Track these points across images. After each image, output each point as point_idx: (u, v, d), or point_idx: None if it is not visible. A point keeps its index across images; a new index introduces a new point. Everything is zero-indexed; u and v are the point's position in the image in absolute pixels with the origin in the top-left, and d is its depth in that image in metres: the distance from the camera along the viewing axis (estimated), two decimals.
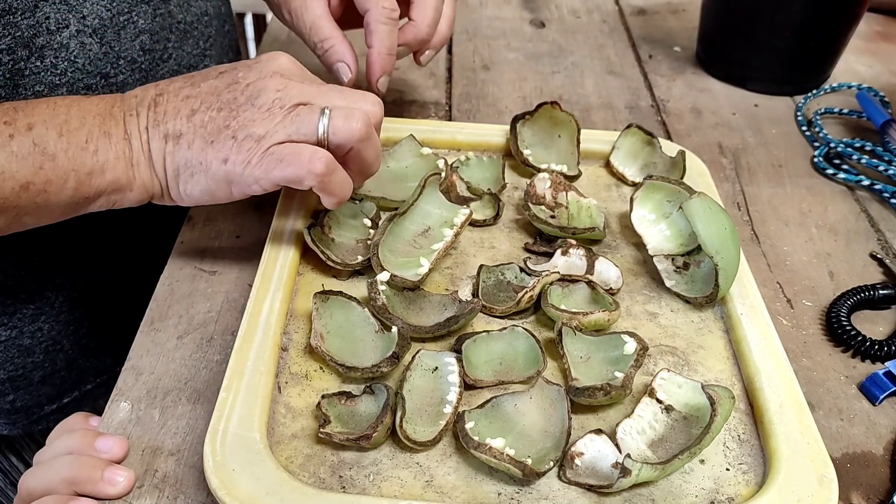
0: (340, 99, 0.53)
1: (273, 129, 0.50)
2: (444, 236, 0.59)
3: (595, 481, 0.45)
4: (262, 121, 0.50)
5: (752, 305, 0.57)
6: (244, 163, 0.50)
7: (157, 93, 0.52)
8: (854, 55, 0.99)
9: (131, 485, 0.46)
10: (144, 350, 0.54)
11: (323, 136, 0.51)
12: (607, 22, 1.06)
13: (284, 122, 0.50)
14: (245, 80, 0.52)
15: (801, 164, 0.79)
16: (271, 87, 0.51)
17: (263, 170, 0.50)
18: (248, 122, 0.50)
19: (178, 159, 0.51)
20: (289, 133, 0.50)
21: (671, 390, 0.50)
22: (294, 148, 0.50)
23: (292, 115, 0.51)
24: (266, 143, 0.50)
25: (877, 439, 0.52)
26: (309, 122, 0.51)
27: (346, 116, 0.51)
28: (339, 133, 0.51)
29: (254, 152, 0.50)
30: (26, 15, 0.55)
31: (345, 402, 0.49)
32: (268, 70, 0.52)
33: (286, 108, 0.51)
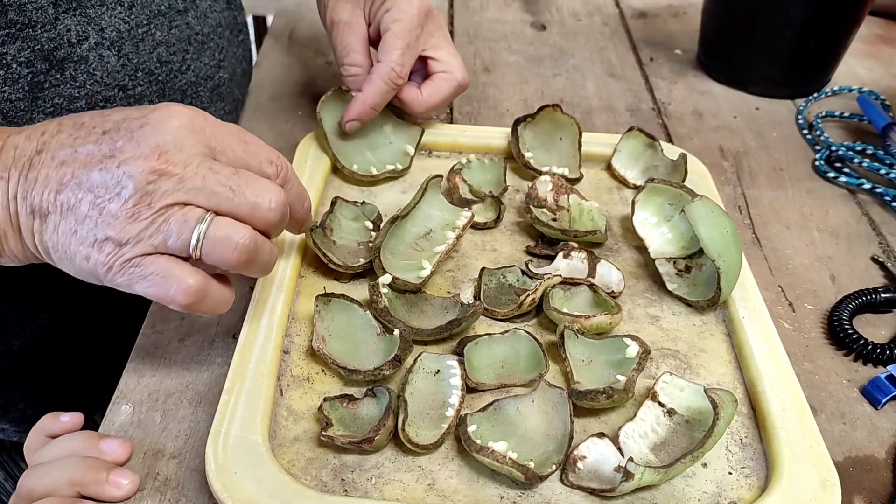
0: (228, 197, 0.44)
1: (136, 235, 0.43)
2: (446, 239, 0.59)
3: (597, 485, 0.45)
4: (126, 221, 0.43)
5: (754, 309, 0.57)
6: (105, 266, 0.43)
7: (38, 148, 0.45)
8: (855, 58, 0.99)
9: (136, 488, 0.46)
10: (146, 352, 0.54)
11: (194, 252, 0.44)
12: (608, 25, 1.06)
13: (151, 228, 0.43)
14: (121, 153, 0.43)
15: (803, 168, 0.79)
16: (142, 174, 0.43)
17: (126, 280, 0.44)
18: (111, 219, 0.43)
19: (45, 240, 0.44)
20: (155, 245, 0.43)
21: (673, 394, 0.50)
22: (160, 267, 0.43)
23: (161, 222, 0.43)
24: (128, 252, 0.43)
25: (879, 443, 0.52)
26: (179, 236, 0.43)
27: (228, 234, 0.44)
28: (214, 255, 0.44)
29: (114, 258, 0.43)
30: (47, 28, 0.55)
31: (347, 404, 0.49)
32: (148, 144, 0.43)
33: (155, 210, 0.43)
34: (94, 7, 0.58)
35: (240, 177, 0.45)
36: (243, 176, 0.45)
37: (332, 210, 0.61)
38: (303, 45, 0.96)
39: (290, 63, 0.92)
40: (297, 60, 0.92)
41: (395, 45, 0.66)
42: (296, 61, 0.92)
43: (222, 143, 0.46)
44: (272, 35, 0.99)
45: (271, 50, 0.95)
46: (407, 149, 0.70)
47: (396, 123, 0.71)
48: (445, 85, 0.70)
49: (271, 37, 0.98)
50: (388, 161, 0.69)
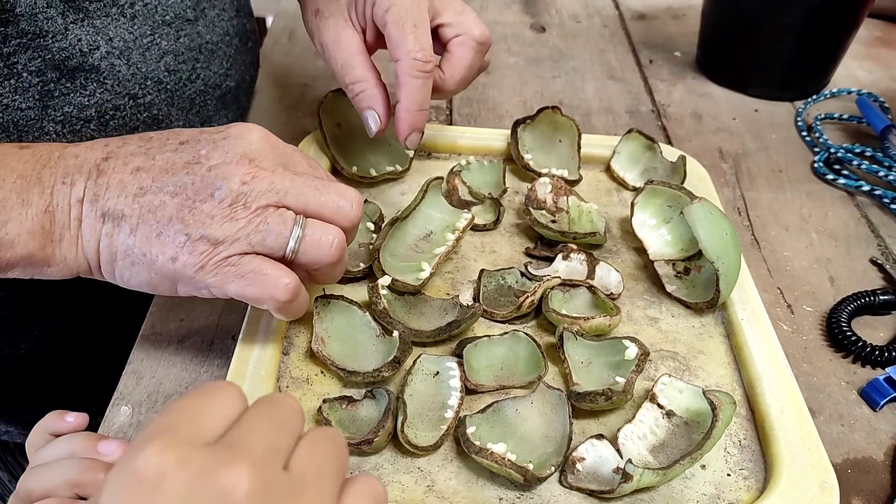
0: (315, 197, 0.46)
1: (234, 234, 0.43)
2: (447, 241, 0.59)
3: (596, 486, 0.45)
4: (223, 220, 0.43)
5: (753, 311, 0.57)
6: (196, 266, 0.43)
7: (104, 156, 0.45)
8: (854, 60, 0.99)
9: None
10: (145, 354, 0.54)
11: (290, 253, 0.45)
12: (608, 27, 1.06)
13: (248, 227, 0.44)
14: (208, 160, 0.45)
15: (802, 170, 0.79)
16: (236, 176, 0.44)
17: (218, 280, 0.44)
18: (206, 218, 0.43)
19: (116, 244, 0.44)
20: (252, 244, 0.44)
21: (672, 395, 0.50)
22: (258, 265, 0.44)
23: (259, 222, 0.44)
24: (224, 250, 0.43)
25: (878, 445, 0.52)
26: (278, 235, 0.44)
27: (321, 236, 0.45)
28: (310, 254, 0.45)
29: (209, 257, 0.43)
30: (58, 38, 0.55)
31: (346, 406, 0.49)
32: (235, 151, 0.45)
33: (252, 210, 0.44)
34: (101, 18, 0.58)
35: (321, 180, 0.47)
36: (323, 180, 0.47)
37: None
38: (302, 46, 0.96)
39: (290, 64, 0.92)
40: (297, 62, 0.92)
41: (403, 33, 0.58)
42: (295, 63, 0.92)
43: (291, 160, 0.48)
44: (272, 36, 0.99)
45: (271, 51, 0.95)
46: (406, 151, 0.70)
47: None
48: (464, 51, 0.62)
49: (271, 38, 0.98)
50: (387, 162, 0.70)
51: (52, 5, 0.54)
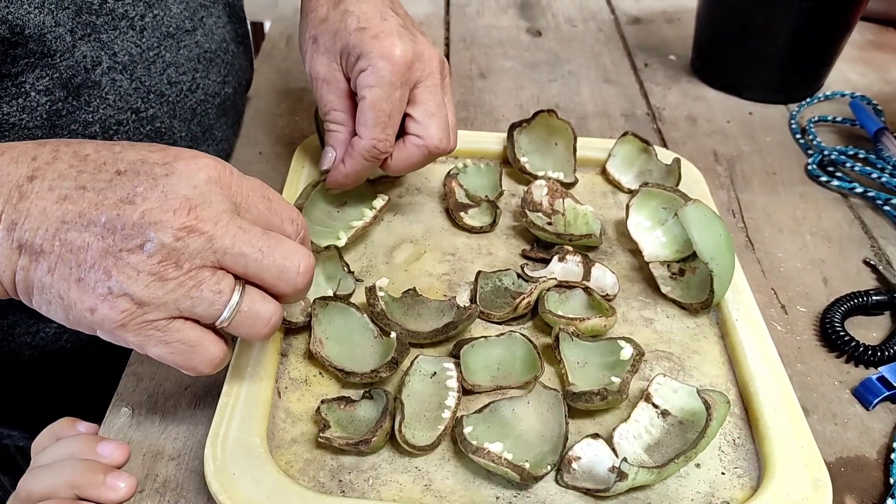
0: (258, 260, 0.41)
1: (162, 297, 0.39)
2: (363, 216, 0.63)
3: (592, 485, 0.46)
4: (150, 279, 0.39)
5: (747, 311, 0.57)
6: (116, 323, 0.39)
7: (30, 174, 0.40)
8: (847, 64, 1.00)
9: (133, 490, 0.46)
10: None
11: (224, 321, 0.41)
12: (603, 31, 1.06)
13: (178, 291, 0.40)
14: (144, 201, 0.39)
15: (796, 172, 0.80)
16: (171, 229, 0.39)
17: (140, 340, 0.40)
18: (132, 272, 0.39)
19: (32, 279, 0.40)
20: (181, 309, 0.40)
21: (667, 395, 0.51)
22: (184, 335, 0.41)
23: (191, 286, 0.40)
24: (149, 314, 0.40)
25: (870, 444, 0.53)
26: (210, 304, 0.40)
27: (259, 310, 0.42)
28: (242, 328, 0.42)
29: (130, 317, 0.39)
30: (65, 56, 0.55)
31: (344, 406, 0.49)
32: (176, 195, 0.40)
33: (184, 271, 0.39)
34: (108, 32, 0.58)
35: (269, 238, 0.42)
36: (272, 237, 0.42)
37: (319, 252, 0.58)
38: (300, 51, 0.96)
39: (288, 69, 0.92)
40: (295, 66, 0.93)
41: (374, 120, 0.57)
42: (293, 67, 0.93)
43: (246, 200, 0.43)
44: (269, 41, 0.99)
45: (269, 56, 0.95)
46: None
47: None
48: (415, 152, 0.60)
49: (269, 43, 0.99)
50: None
51: (61, 23, 0.54)
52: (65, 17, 0.54)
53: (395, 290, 0.58)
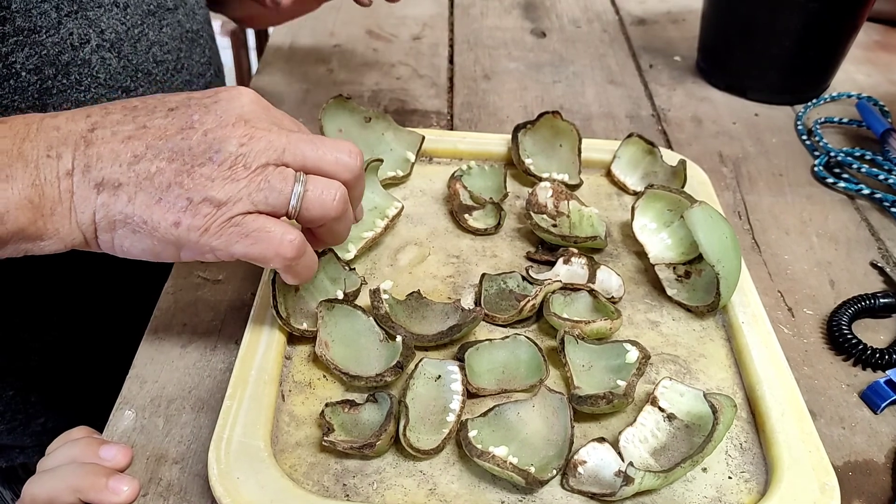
0: (312, 151, 0.45)
1: (237, 194, 0.43)
2: (375, 226, 0.62)
3: (598, 489, 0.46)
4: (224, 182, 0.43)
5: (754, 314, 0.57)
6: (200, 230, 0.43)
7: (90, 127, 0.44)
8: (853, 65, 0.99)
9: (135, 494, 0.46)
10: (148, 359, 0.54)
11: (293, 209, 0.44)
12: (608, 31, 1.06)
13: (250, 187, 0.43)
14: (202, 124, 0.44)
15: (802, 173, 0.79)
16: (234, 138, 0.43)
17: (223, 241, 0.43)
18: (206, 181, 0.42)
19: (113, 213, 0.43)
20: (255, 202, 0.43)
21: (673, 399, 0.50)
22: (262, 223, 0.44)
23: (260, 181, 0.43)
24: (228, 211, 0.43)
25: (878, 447, 0.52)
26: (280, 192, 0.44)
27: (323, 190, 0.45)
28: (313, 210, 0.45)
29: (212, 219, 0.43)
30: (51, 32, 0.55)
31: (348, 410, 0.49)
32: (230, 115, 0.44)
33: (252, 170, 0.43)
34: (94, 9, 0.58)
35: (316, 136, 0.46)
36: (318, 136, 0.47)
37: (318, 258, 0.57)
38: (304, 53, 0.96)
39: (291, 70, 0.92)
40: (298, 68, 0.93)
41: None
42: (297, 69, 0.93)
43: (282, 121, 0.47)
44: (274, 43, 0.99)
45: (273, 58, 0.95)
46: (408, 155, 0.71)
47: (397, 130, 0.72)
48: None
49: (273, 45, 0.99)
50: (388, 168, 0.70)
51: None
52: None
53: (400, 292, 0.57)
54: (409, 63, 0.95)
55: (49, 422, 0.71)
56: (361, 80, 0.90)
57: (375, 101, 0.87)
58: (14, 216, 0.42)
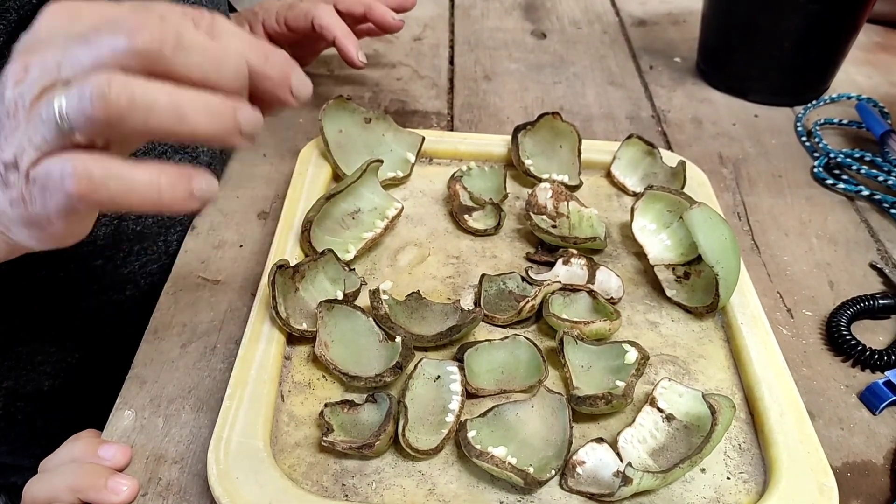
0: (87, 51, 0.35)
1: (20, 145, 0.35)
2: (375, 227, 0.62)
3: (596, 490, 0.46)
4: (12, 134, 0.36)
5: (753, 315, 0.57)
6: (20, 202, 0.36)
7: None
8: (853, 66, 0.99)
9: (134, 494, 0.46)
10: (148, 359, 0.54)
11: (69, 127, 0.34)
12: (608, 33, 1.06)
13: (29, 129, 0.35)
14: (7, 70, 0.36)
15: (801, 175, 0.79)
16: (11, 78, 0.36)
17: (40, 207, 0.36)
18: (3, 141, 0.36)
19: None
20: (36, 146, 0.35)
21: (672, 399, 0.50)
22: (46, 167, 0.35)
23: (34, 117, 0.35)
24: (22, 168, 0.35)
25: (877, 448, 0.52)
26: (45, 119, 0.34)
27: (80, 92, 0.34)
28: (79, 122, 0.34)
29: (18, 186, 0.36)
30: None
31: (348, 410, 0.49)
32: (19, 47, 0.37)
33: (28, 107, 0.35)
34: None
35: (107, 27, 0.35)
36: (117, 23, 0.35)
37: (317, 259, 0.57)
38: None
39: None
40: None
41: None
42: None
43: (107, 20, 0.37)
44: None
45: None
46: (408, 156, 0.71)
47: (397, 131, 0.72)
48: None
49: None
50: (388, 168, 0.70)
51: None
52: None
53: (399, 293, 0.57)
54: (409, 64, 0.95)
55: (53, 443, 0.72)
56: (362, 81, 0.90)
57: (376, 101, 0.87)
58: None
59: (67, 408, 0.71)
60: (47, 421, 0.71)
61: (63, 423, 0.71)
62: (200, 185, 0.36)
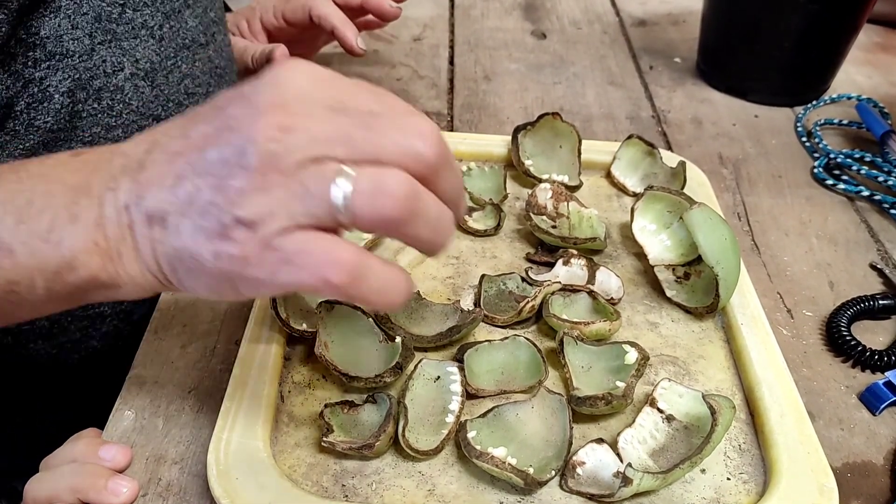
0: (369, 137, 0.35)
1: (269, 209, 0.34)
2: None
3: (596, 490, 0.46)
4: (255, 194, 0.34)
5: (753, 315, 0.57)
6: (240, 260, 0.35)
7: (149, 147, 0.38)
8: (853, 66, 0.99)
9: (135, 495, 0.46)
10: (148, 359, 0.54)
11: (342, 214, 0.34)
12: (608, 33, 1.06)
13: (286, 196, 0.34)
14: (237, 122, 0.35)
15: (801, 175, 0.79)
16: (262, 133, 0.34)
17: (267, 271, 0.35)
18: (238, 196, 0.34)
19: (167, 248, 0.36)
20: (294, 215, 0.34)
21: (672, 400, 0.50)
22: (302, 242, 0.34)
23: (296, 185, 0.34)
24: (263, 231, 0.34)
25: (877, 449, 0.52)
26: (320, 196, 0.34)
27: (376, 184, 0.34)
28: (366, 211, 0.34)
29: (250, 246, 0.34)
30: (84, 58, 0.56)
31: (347, 411, 0.49)
32: (264, 101, 0.35)
33: (287, 172, 0.34)
34: (129, 40, 0.59)
35: (378, 116, 0.36)
36: (383, 115, 0.36)
37: None
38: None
39: None
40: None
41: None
42: None
43: (351, 96, 0.37)
44: None
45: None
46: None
47: None
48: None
49: None
50: None
51: (79, 27, 0.55)
52: (83, 21, 0.55)
53: None
54: (409, 64, 0.95)
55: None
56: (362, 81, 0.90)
57: None
58: (84, 261, 0.38)
59: (66, 409, 0.71)
60: (45, 423, 0.71)
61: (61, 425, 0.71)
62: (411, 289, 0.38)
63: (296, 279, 0.35)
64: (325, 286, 0.35)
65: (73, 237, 0.37)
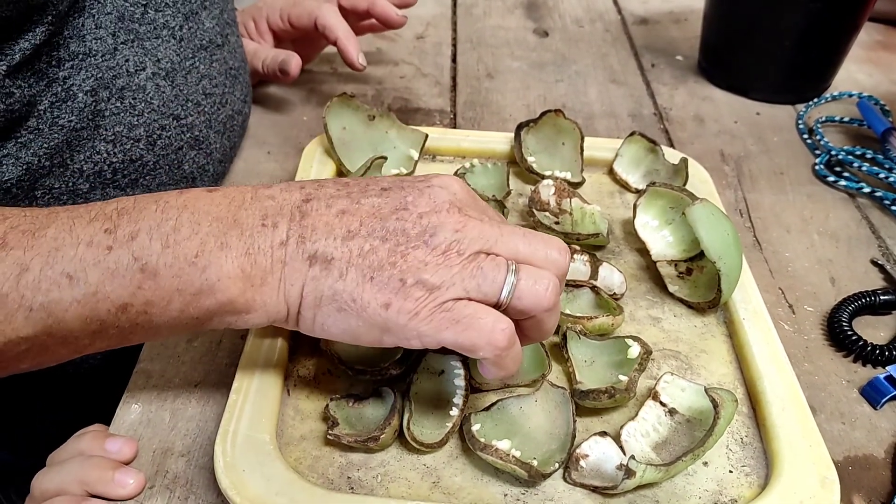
0: (524, 245, 0.44)
1: (450, 279, 0.42)
2: None
3: (600, 482, 0.46)
4: (437, 267, 0.42)
5: (755, 310, 0.57)
6: (410, 313, 0.41)
7: (304, 198, 0.44)
8: (855, 64, 1.00)
9: (141, 487, 0.46)
10: (155, 353, 0.55)
11: (505, 299, 0.43)
12: (610, 31, 1.07)
13: (464, 273, 0.42)
14: (416, 207, 0.43)
15: (803, 172, 0.80)
16: (449, 225, 0.43)
17: (433, 327, 0.42)
18: (420, 264, 0.42)
19: (322, 287, 0.42)
20: (467, 289, 0.42)
21: (675, 394, 0.51)
22: (474, 310, 0.42)
23: (473, 268, 0.42)
24: (440, 296, 0.42)
25: (878, 443, 0.53)
26: (493, 280, 0.42)
27: (535, 280, 0.43)
28: (525, 300, 0.43)
29: (424, 303, 0.41)
30: (106, 57, 0.56)
31: (353, 404, 0.50)
32: (443, 200, 0.44)
33: (465, 256, 0.42)
34: (151, 40, 0.60)
35: (526, 230, 0.46)
36: (528, 230, 0.46)
37: None
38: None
39: None
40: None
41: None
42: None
43: (486, 211, 0.47)
44: None
45: None
46: (411, 153, 0.71)
47: (400, 129, 0.72)
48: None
49: None
50: (392, 166, 0.70)
51: (102, 26, 0.56)
52: (107, 21, 0.56)
53: None
54: (412, 62, 0.96)
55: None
56: (365, 79, 0.91)
57: (379, 99, 0.87)
58: (225, 286, 0.42)
59: (66, 409, 0.71)
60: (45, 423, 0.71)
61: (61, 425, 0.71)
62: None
63: (462, 339, 0.42)
64: (490, 347, 0.42)
65: (221, 262, 0.42)
